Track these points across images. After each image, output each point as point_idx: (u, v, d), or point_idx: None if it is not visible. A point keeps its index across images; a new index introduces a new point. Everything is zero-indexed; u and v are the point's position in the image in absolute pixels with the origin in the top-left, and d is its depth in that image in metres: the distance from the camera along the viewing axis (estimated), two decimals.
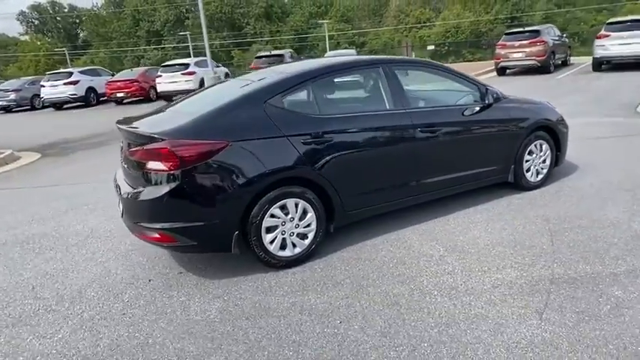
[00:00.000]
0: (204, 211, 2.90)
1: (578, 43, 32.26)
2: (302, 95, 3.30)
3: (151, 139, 2.90)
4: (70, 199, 5.31)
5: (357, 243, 3.54)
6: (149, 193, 2.89)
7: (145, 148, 2.89)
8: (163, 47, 61.94)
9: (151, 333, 2.58)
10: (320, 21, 44.22)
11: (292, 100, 3.23)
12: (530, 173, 4.38)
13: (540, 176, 4.47)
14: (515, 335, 2.33)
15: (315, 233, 3.25)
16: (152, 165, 2.88)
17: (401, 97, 3.59)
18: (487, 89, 4.02)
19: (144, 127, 3.17)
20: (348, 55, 17.80)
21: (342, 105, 3.53)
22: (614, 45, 12.80)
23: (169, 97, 17.65)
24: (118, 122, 3.48)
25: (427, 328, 2.43)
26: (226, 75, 19.47)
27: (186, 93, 17.04)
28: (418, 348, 2.28)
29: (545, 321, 2.42)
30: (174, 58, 56.01)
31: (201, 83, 17.13)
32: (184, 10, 62.08)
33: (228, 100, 3.12)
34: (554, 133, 4.46)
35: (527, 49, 14.69)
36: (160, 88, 17.42)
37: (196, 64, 17.81)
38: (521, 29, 16.05)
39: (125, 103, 18.62)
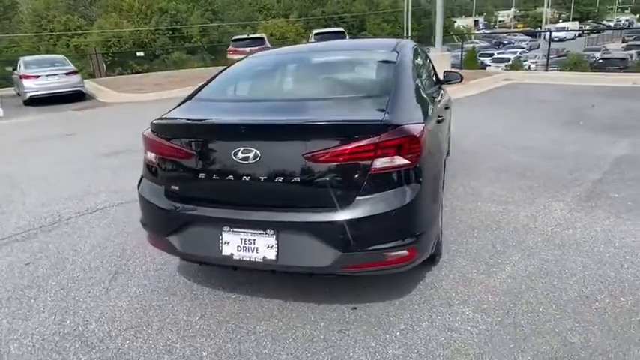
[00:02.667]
0: (434, 211, 2.43)
1: None
2: None
3: (372, 128, 2.16)
4: None
5: None
6: (383, 202, 2.16)
7: (381, 141, 2.12)
8: None
9: None
10: None
11: None
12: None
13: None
14: None
15: None
16: (382, 163, 2.16)
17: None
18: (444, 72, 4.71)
19: (323, 117, 2.29)
20: (55, 59, 14.57)
21: None
22: None
23: None
24: (211, 122, 2.38)
25: (613, 267, 2.88)
26: None
27: None
28: None
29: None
30: None
31: None
32: None
33: (388, 78, 2.68)
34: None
35: None
36: None
37: None
38: (246, 36, 17.48)
39: None
